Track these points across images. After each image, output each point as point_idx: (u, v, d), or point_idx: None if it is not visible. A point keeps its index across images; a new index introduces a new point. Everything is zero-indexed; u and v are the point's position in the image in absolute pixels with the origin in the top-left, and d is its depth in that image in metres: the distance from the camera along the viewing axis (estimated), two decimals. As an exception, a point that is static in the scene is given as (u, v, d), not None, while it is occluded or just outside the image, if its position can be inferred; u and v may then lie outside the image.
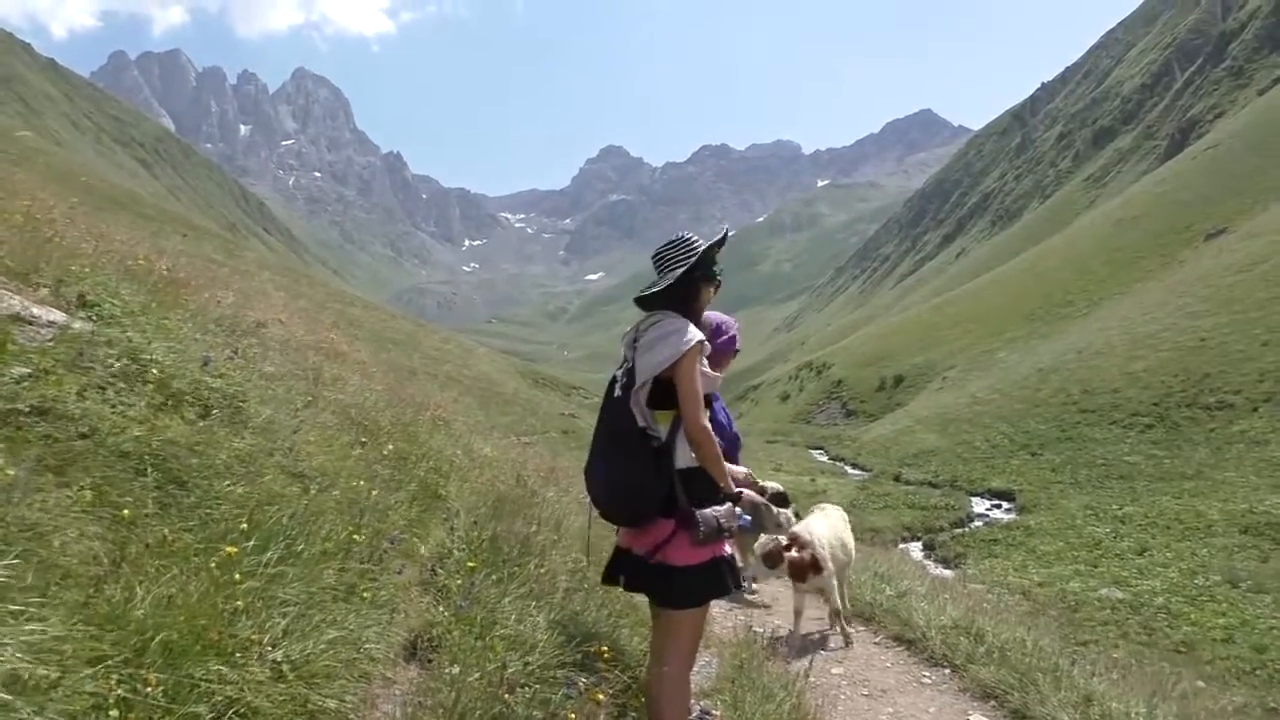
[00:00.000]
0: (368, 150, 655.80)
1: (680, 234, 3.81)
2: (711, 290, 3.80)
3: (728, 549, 3.57)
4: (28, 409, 3.14)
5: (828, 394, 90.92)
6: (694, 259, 3.64)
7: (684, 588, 3.50)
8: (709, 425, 3.42)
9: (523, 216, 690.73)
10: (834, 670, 6.16)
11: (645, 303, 3.72)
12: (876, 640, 6.93)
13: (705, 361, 3.55)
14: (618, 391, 3.58)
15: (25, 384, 3.22)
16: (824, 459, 61.98)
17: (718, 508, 3.45)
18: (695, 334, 3.47)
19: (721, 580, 3.55)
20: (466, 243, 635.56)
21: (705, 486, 3.47)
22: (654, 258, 3.74)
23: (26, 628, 2.15)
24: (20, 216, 6.94)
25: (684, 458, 3.46)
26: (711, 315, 4.52)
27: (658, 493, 3.41)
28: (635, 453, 3.43)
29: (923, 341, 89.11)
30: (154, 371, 4.04)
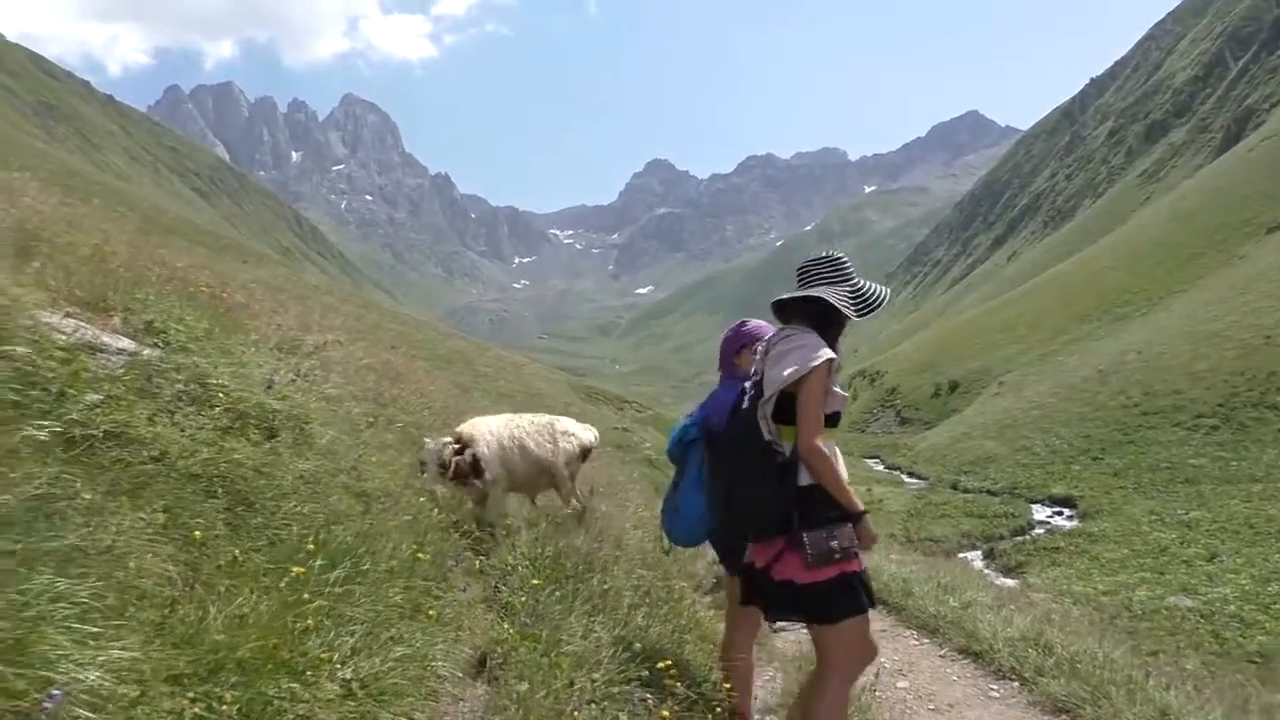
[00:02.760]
0: (417, 172, 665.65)
1: (830, 252, 3.70)
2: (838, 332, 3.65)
3: (860, 565, 3.45)
4: (101, 434, 3.22)
5: (881, 402, 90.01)
6: (839, 278, 3.57)
7: (815, 604, 3.40)
8: (822, 445, 3.33)
9: (571, 232, 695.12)
10: (900, 684, 6.05)
11: (782, 312, 3.67)
12: (942, 653, 6.79)
13: (836, 379, 3.49)
14: (745, 403, 3.56)
15: (99, 410, 3.30)
16: (880, 468, 61.31)
17: (834, 528, 3.34)
18: (825, 351, 3.39)
19: (855, 596, 3.42)
20: (516, 260, 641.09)
21: (826, 504, 3.38)
22: (799, 270, 3.67)
23: (108, 648, 2.20)
24: (87, 249, 7.14)
25: (806, 474, 3.39)
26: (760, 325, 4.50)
27: (780, 509, 3.37)
28: (759, 466, 3.40)
29: (977, 346, 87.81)
30: (220, 395, 4.13)
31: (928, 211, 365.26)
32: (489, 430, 5.89)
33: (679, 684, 3.81)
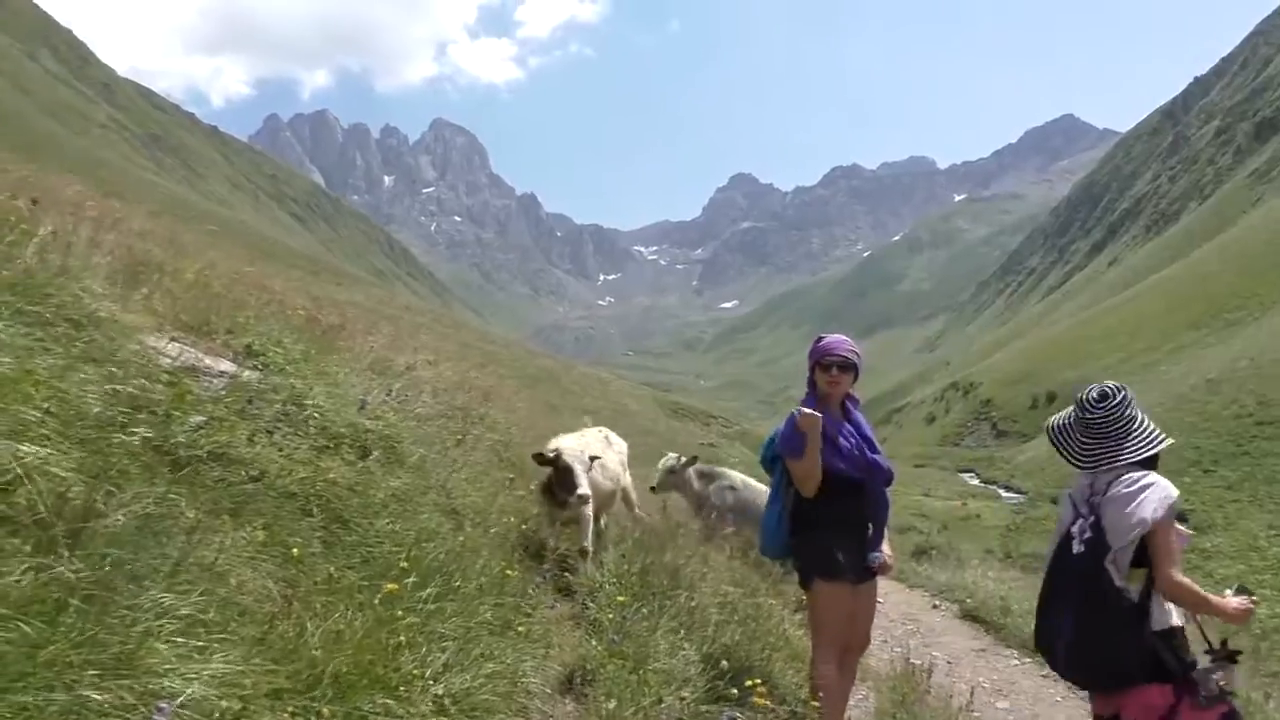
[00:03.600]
0: (503, 193, 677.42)
1: (1105, 388, 3.65)
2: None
3: (1233, 706, 3.40)
4: (204, 455, 3.34)
5: (976, 415, 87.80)
6: (1130, 418, 3.57)
7: None
8: (1183, 579, 3.34)
9: (655, 249, 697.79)
10: (999, 704, 5.87)
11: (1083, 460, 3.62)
12: (1044, 673, 6.56)
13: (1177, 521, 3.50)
14: (1078, 547, 3.51)
15: (201, 431, 3.42)
16: (975, 482, 59.82)
17: (1210, 665, 3.33)
18: (1171, 490, 3.43)
19: None
20: (601, 277, 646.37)
21: (1183, 646, 3.40)
22: (1082, 423, 3.60)
23: (212, 662, 2.27)
24: (191, 274, 7.43)
25: (1159, 619, 3.38)
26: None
27: (1137, 656, 3.34)
28: (1111, 614, 3.37)
29: (1075, 356, 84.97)
30: (315, 415, 4.25)
31: (1021, 219, 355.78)
32: (573, 445, 5.75)
33: (768, 701, 3.76)
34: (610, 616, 4.14)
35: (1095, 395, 3.60)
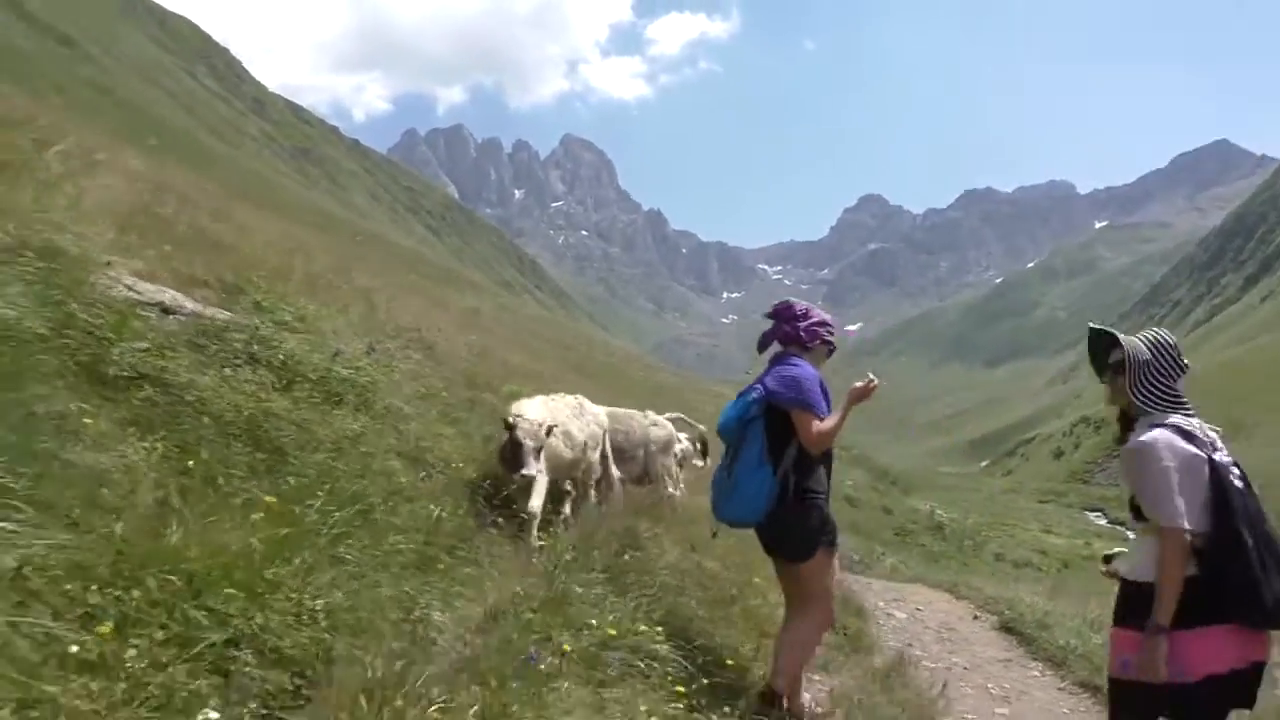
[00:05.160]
0: (630, 209, 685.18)
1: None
2: None
3: None
4: (134, 376, 3.49)
5: (1108, 452, 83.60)
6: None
7: None
8: None
9: (780, 268, 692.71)
10: (999, 710, 5.56)
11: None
12: (1061, 685, 6.21)
13: None
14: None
15: (139, 355, 3.57)
16: (1102, 522, 56.92)
17: None
18: None
19: None
20: (725, 295, 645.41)
21: None
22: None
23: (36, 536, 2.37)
24: (246, 250, 7.82)
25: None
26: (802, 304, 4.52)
27: None
28: None
29: (1224, 394, 79.93)
30: (281, 358, 4.39)
31: (1166, 249, 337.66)
32: (537, 413, 5.46)
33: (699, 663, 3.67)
34: (551, 568, 4.12)
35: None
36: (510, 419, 5.22)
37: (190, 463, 3.24)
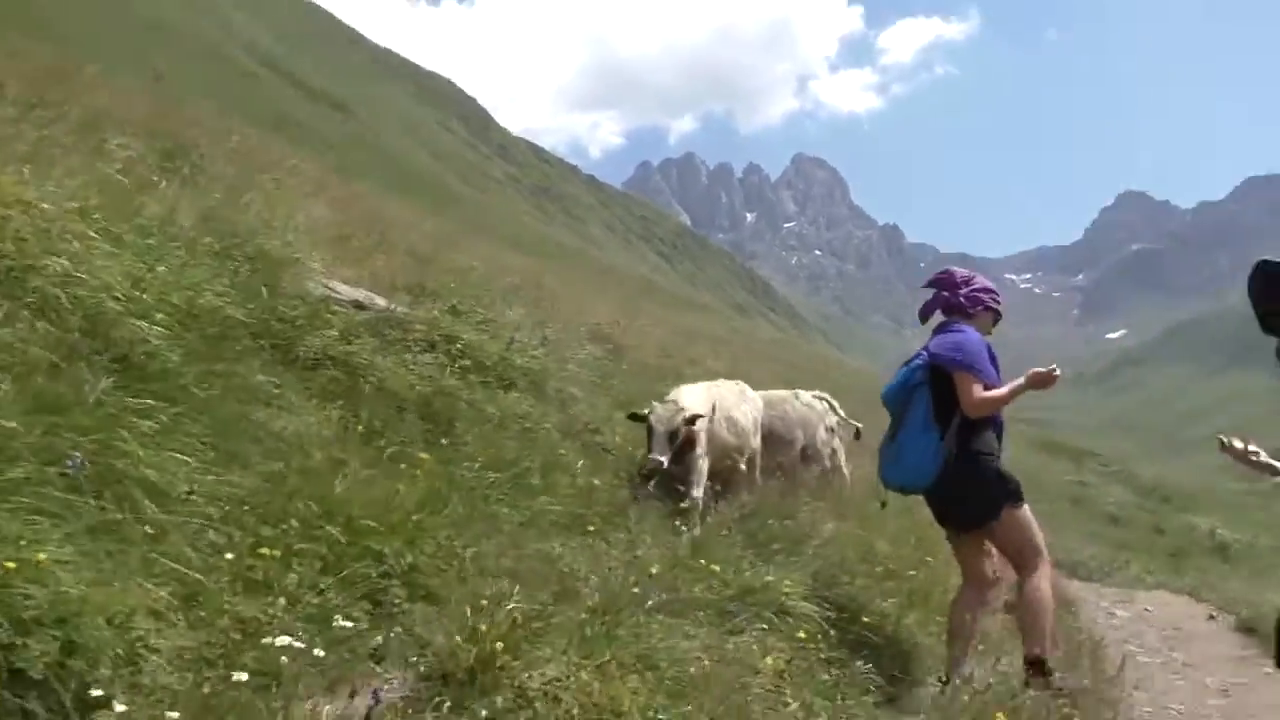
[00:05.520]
0: (865, 224, 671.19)
1: None
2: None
3: None
4: (323, 358, 3.99)
5: None
6: None
7: None
8: None
9: (1029, 276, 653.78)
10: (1210, 701, 5.10)
11: None
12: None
13: None
14: None
15: (327, 340, 4.08)
16: None
17: None
18: None
19: None
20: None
21: None
22: None
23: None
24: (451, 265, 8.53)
25: None
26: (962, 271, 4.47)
27: None
28: None
29: None
30: (457, 347, 4.83)
31: None
32: (697, 403, 5.37)
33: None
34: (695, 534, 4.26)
35: None
36: (645, 409, 5.21)
37: (360, 429, 3.67)
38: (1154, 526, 42.98)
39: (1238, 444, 3.56)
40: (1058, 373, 4.22)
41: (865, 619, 3.94)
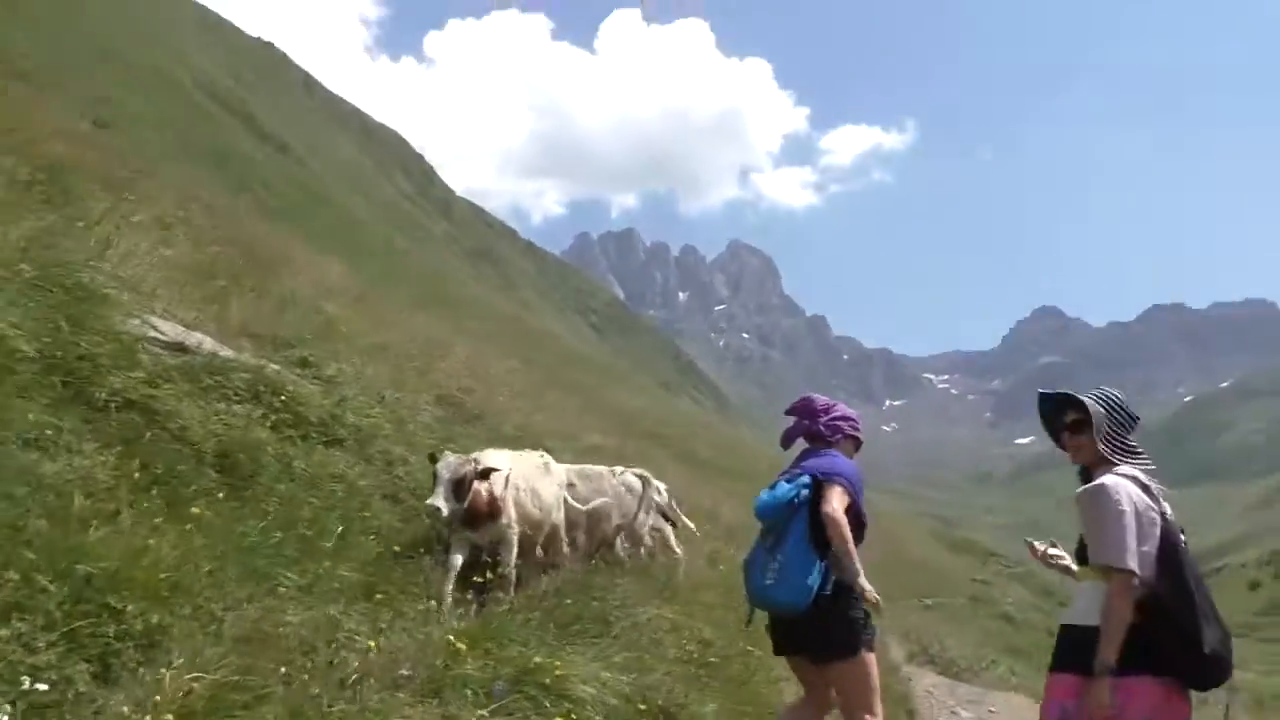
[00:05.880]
0: (793, 313, 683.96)
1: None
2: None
3: None
4: (119, 400, 3.86)
5: (1303, 602, 75.96)
6: None
7: None
8: None
9: (946, 378, 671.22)
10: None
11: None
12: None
13: None
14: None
15: (130, 382, 3.95)
16: (1298, 685, 51.19)
17: None
18: None
19: None
20: (887, 403, 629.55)
21: None
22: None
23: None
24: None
25: None
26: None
27: None
28: None
29: None
30: (280, 399, 4.72)
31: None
32: (507, 464, 5.17)
33: None
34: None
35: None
36: (444, 451, 4.88)
37: (136, 476, 3.54)
38: (1047, 629, 43.74)
39: (1039, 546, 4.05)
40: (879, 605, 4.14)
41: (655, 705, 3.83)
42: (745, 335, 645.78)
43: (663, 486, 7.20)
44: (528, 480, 5.38)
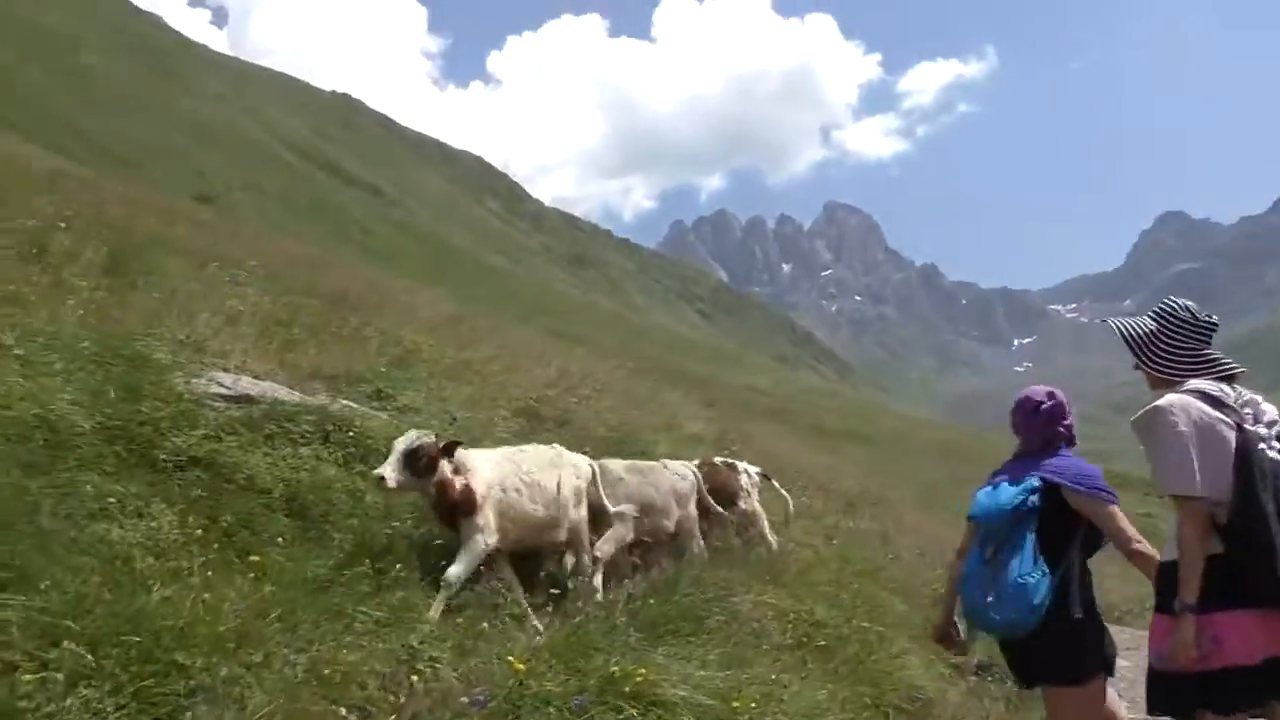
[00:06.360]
0: (902, 266, 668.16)
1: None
2: None
3: None
4: (183, 459, 3.92)
5: None
6: None
7: None
8: None
9: (1074, 305, 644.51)
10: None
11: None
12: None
13: None
14: None
15: (193, 441, 4.02)
16: None
17: None
18: None
19: None
20: (1015, 342, 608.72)
21: None
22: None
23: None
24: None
25: None
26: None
27: None
28: None
29: None
30: (349, 435, 4.75)
31: None
32: (488, 465, 4.71)
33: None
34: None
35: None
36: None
37: (199, 532, 3.58)
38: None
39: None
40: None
41: (750, 701, 3.61)
42: (858, 298, 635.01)
43: (754, 470, 6.94)
44: (526, 475, 4.89)
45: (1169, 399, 3.11)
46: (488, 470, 4.62)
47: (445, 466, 4.36)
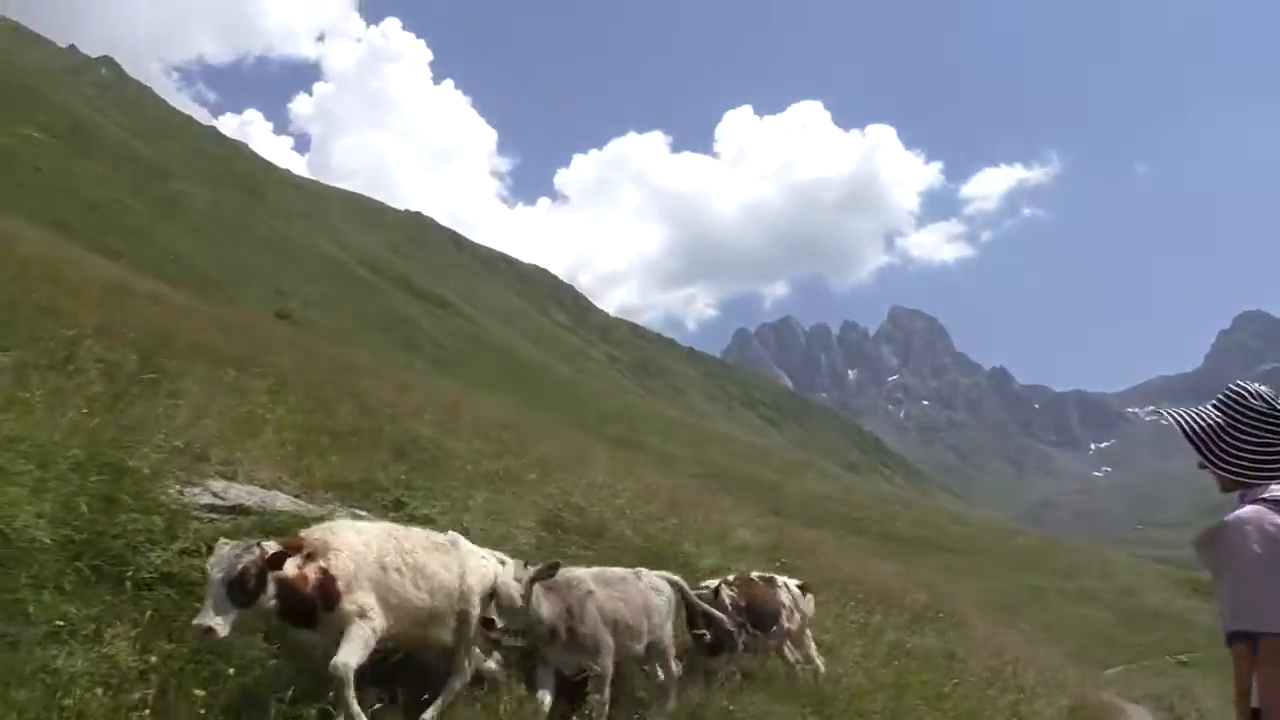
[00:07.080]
0: (971, 370, 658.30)
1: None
2: None
3: None
4: (156, 575, 3.61)
5: None
6: None
7: None
8: None
9: (1151, 409, 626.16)
10: None
11: None
12: None
13: None
14: None
15: (169, 556, 3.72)
16: None
17: None
18: None
19: None
20: (1092, 446, 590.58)
21: None
22: None
23: None
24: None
25: None
26: None
27: None
28: None
29: None
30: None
31: None
32: (358, 539, 3.99)
33: None
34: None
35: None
36: (219, 543, 3.67)
37: (152, 658, 3.25)
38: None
39: None
40: None
41: None
42: (925, 402, 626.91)
43: (793, 583, 6.35)
44: (401, 557, 4.12)
45: (1239, 515, 2.56)
46: (358, 544, 3.90)
47: (290, 564, 3.60)
